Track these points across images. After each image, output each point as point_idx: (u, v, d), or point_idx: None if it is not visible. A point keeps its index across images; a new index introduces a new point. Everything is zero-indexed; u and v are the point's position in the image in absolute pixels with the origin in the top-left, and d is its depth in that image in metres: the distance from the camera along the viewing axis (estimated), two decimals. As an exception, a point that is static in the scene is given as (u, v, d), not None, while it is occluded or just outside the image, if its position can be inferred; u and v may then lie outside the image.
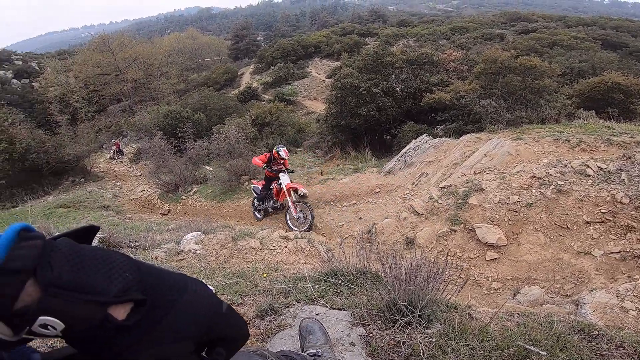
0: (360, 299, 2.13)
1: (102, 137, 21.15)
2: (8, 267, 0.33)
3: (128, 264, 0.38)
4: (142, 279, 0.38)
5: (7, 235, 0.35)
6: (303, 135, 14.41)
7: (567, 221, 4.30)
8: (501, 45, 22.48)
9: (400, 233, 5.06)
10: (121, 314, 0.36)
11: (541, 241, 4.24)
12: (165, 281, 0.40)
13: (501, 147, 6.15)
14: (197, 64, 48.91)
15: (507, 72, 9.31)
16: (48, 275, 0.34)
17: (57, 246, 0.36)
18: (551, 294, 3.57)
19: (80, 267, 0.35)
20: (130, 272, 0.38)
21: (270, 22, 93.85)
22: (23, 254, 0.34)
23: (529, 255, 4.16)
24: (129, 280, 0.37)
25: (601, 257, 3.87)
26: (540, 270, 3.94)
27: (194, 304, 0.41)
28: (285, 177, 6.17)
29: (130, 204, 9.96)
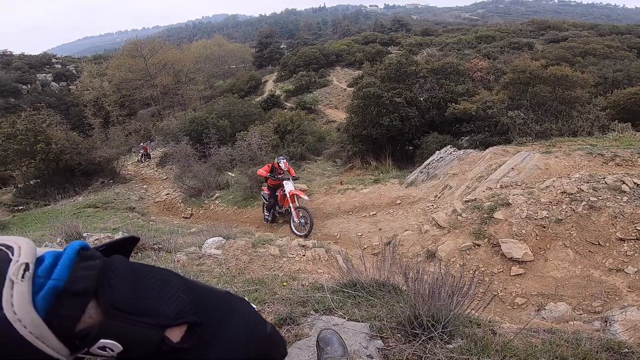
0: (380, 312, 2.10)
1: (132, 140, 21.99)
2: (71, 288, 0.33)
3: (181, 284, 0.39)
4: (194, 300, 0.38)
5: (69, 255, 0.35)
6: (323, 144, 14.44)
7: (599, 238, 4.14)
8: (530, 54, 21.92)
9: (421, 246, 4.98)
10: (176, 336, 0.36)
11: (570, 257, 4.10)
12: (214, 301, 0.40)
13: (530, 160, 5.94)
14: (223, 71, 50.15)
15: (537, 82, 9.04)
16: (109, 298, 0.34)
17: (114, 266, 0.36)
18: (579, 310, 3.45)
19: (138, 289, 0.36)
20: (183, 292, 0.38)
21: (293, 30, 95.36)
22: (85, 275, 0.34)
23: (556, 271, 4.03)
24: (184, 302, 0.37)
25: (634, 274, 3.72)
26: (568, 287, 3.82)
27: (242, 325, 0.41)
28: (289, 184, 6.52)
29: (155, 206, 10.27)
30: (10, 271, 0.32)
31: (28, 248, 0.34)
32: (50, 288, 0.32)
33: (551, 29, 38.47)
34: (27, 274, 0.32)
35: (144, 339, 0.35)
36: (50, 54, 58.05)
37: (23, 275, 0.32)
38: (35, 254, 0.34)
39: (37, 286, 0.32)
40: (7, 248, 0.34)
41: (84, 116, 27.08)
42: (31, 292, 0.32)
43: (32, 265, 0.33)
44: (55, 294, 0.32)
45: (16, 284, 0.31)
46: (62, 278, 0.33)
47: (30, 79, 42.85)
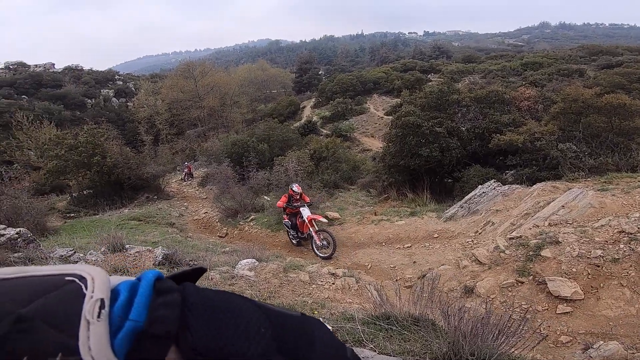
0: (414, 347, 2.04)
1: (177, 159, 23.36)
2: (152, 330, 0.30)
3: (260, 316, 0.34)
4: (276, 334, 0.34)
5: (144, 290, 0.32)
6: (357, 173, 14.30)
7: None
8: (582, 81, 20.83)
9: (458, 281, 4.83)
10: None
11: (626, 297, 3.90)
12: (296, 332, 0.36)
13: (582, 198, 5.52)
14: (264, 95, 51.80)
15: (590, 112, 8.56)
16: (189, 341, 0.31)
17: (190, 302, 0.33)
18: (632, 349, 3.30)
19: (218, 327, 0.32)
20: (264, 326, 0.34)
21: (331, 57, 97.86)
22: (165, 315, 0.31)
23: (609, 310, 3.86)
24: (267, 338, 0.33)
25: None
26: (622, 326, 3.69)
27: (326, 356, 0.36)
28: (305, 210, 6.75)
29: (193, 223, 10.71)
30: (85, 309, 0.28)
31: (102, 280, 0.31)
32: (129, 330, 0.29)
33: (604, 54, 36.35)
34: (104, 313, 0.29)
35: None
36: (114, 71, 63.24)
37: (99, 314, 0.29)
38: (109, 286, 0.32)
39: (114, 327, 0.29)
40: (80, 279, 0.30)
41: (138, 132, 29.26)
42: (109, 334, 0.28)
43: (107, 301, 0.30)
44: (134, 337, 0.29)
45: (92, 324, 0.28)
46: (140, 319, 0.30)
47: (95, 94, 46.43)
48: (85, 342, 0.27)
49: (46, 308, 0.28)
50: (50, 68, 53.91)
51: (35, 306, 0.28)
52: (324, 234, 6.54)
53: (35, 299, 0.28)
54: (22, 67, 50.93)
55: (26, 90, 42.23)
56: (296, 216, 7.04)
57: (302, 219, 6.78)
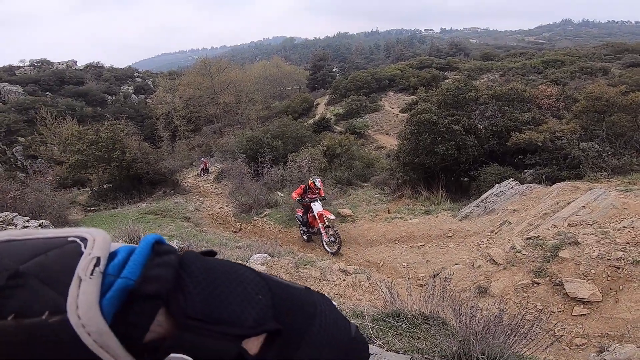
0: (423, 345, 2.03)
1: (194, 155, 23.76)
2: (143, 290, 0.28)
3: (260, 283, 0.33)
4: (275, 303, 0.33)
5: (142, 249, 0.31)
6: (371, 170, 14.22)
7: None
8: (606, 79, 20.04)
9: (472, 281, 4.76)
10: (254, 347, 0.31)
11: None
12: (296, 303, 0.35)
13: (604, 198, 5.35)
14: (279, 92, 52.03)
15: (615, 111, 8.29)
16: (181, 304, 0.29)
17: (187, 264, 0.32)
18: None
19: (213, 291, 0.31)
20: (262, 293, 0.33)
21: (345, 54, 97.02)
22: (158, 274, 0.29)
23: (627, 312, 3.75)
24: (263, 306, 0.32)
25: None
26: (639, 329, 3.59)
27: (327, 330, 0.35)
28: (317, 206, 6.87)
29: (208, 218, 10.89)
30: (79, 266, 0.27)
31: (103, 241, 0.30)
32: (118, 288, 0.28)
33: (629, 52, 34.77)
34: (97, 270, 0.28)
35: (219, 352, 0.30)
36: (134, 68, 64.88)
37: (92, 271, 0.27)
38: (110, 247, 0.30)
39: (106, 285, 0.28)
40: (81, 240, 0.30)
41: (156, 128, 29.88)
42: (99, 293, 0.27)
43: (104, 260, 0.29)
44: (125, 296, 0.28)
45: (84, 281, 0.27)
46: (132, 277, 0.28)
47: (115, 91, 47.90)
48: (74, 300, 0.26)
49: (43, 265, 0.28)
50: (73, 65, 55.30)
51: (32, 263, 0.28)
52: (331, 230, 6.69)
53: (35, 257, 0.28)
54: (46, 64, 52.49)
55: (50, 87, 43.71)
56: (308, 211, 7.14)
57: (313, 213, 6.90)
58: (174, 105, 34.29)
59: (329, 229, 6.73)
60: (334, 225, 6.94)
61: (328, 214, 6.92)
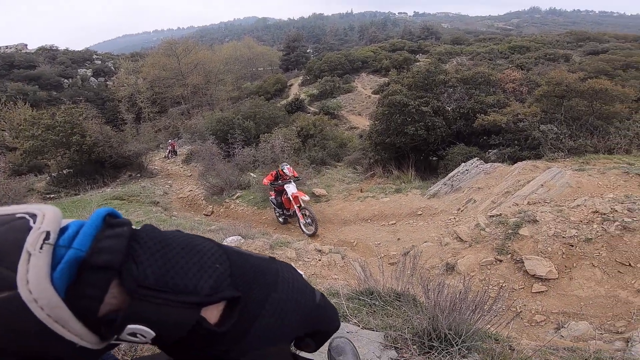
0: (396, 322, 2.08)
1: (160, 137, 22.82)
2: (92, 261, 0.28)
3: (218, 253, 0.33)
4: (233, 272, 0.32)
5: (93, 221, 0.30)
6: (344, 150, 14.37)
7: (630, 259, 4.04)
8: (567, 66, 21.04)
9: (440, 258, 4.92)
10: (214, 315, 0.31)
11: (597, 277, 4.03)
12: (257, 272, 0.34)
13: (561, 177, 5.69)
14: (251, 73, 50.94)
15: (573, 96, 8.69)
16: (134, 275, 0.29)
17: (140, 236, 0.31)
18: (600, 330, 3.41)
19: (167, 261, 0.30)
20: (220, 262, 0.32)
21: (320, 35, 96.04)
22: (109, 245, 0.29)
23: (580, 290, 3.98)
24: (221, 274, 0.31)
25: None
26: (592, 306, 3.80)
27: (288, 298, 0.35)
28: (290, 187, 6.71)
29: (177, 202, 10.56)
30: (28, 241, 0.27)
31: (54, 215, 0.29)
32: (69, 259, 0.27)
33: (590, 40, 36.69)
34: (47, 245, 0.27)
35: (177, 322, 0.30)
36: (92, 51, 60.93)
37: (42, 245, 0.27)
38: (60, 222, 0.30)
39: (58, 259, 0.27)
40: (30, 216, 0.29)
41: (118, 111, 28.51)
42: (49, 267, 0.27)
43: (54, 234, 0.28)
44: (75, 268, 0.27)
45: (33, 256, 0.26)
46: (83, 247, 0.28)
47: (72, 74, 44.80)
48: (24, 275, 0.26)
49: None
50: (23, 49, 51.12)
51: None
52: (307, 211, 6.58)
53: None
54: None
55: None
56: (282, 194, 7.00)
57: (287, 195, 6.74)
58: (138, 87, 32.69)
59: (305, 210, 6.61)
60: (310, 207, 6.83)
61: (302, 195, 6.76)
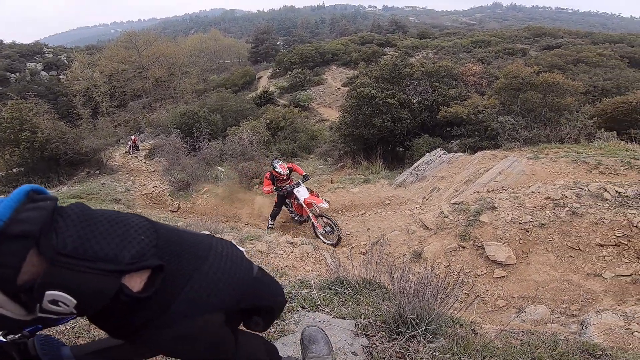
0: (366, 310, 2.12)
1: (120, 131, 21.69)
2: (9, 231, 0.28)
3: (146, 227, 0.33)
4: (160, 244, 0.33)
5: (14, 195, 0.31)
6: (315, 142, 14.46)
7: (579, 243, 4.27)
8: (524, 60, 22.18)
9: (408, 246, 5.04)
10: (137, 284, 0.32)
11: (551, 261, 4.23)
12: (187, 245, 0.35)
13: (517, 165, 6.03)
14: (217, 65, 49.86)
15: (528, 89, 9.12)
16: (52, 243, 0.29)
17: (64, 209, 0.32)
18: (557, 313, 3.58)
19: (89, 232, 0.31)
20: (146, 235, 0.33)
21: (290, 28, 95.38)
22: (28, 216, 0.29)
23: (537, 274, 4.14)
24: (145, 245, 0.32)
25: (611, 279, 3.86)
26: (548, 290, 3.94)
27: (220, 270, 0.36)
28: (302, 191, 5.78)
29: (141, 198, 10.12)
30: None
31: None
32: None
33: (546, 35, 38.96)
34: None
35: (98, 289, 0.30)
36: (42, 44, 56.60)
37: None
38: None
39: None
40: None
41: (73, 106, 26.76)
42: None
43: None
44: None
45: None
46: (2, 218, 0.29)
47: (20, 68, 41.94)
48: None
49: None
50: None
51: None
52: (325, 219, 5.72)
53: None
54: None
55: None
56: (286, 197, 6.14)
57: (299, 202, 5.81)
58: (94, 81, 30.76)
59: (322, 218, 5.74)
60: (328, 214, 5.93)
61: (319, 201, 5.73)
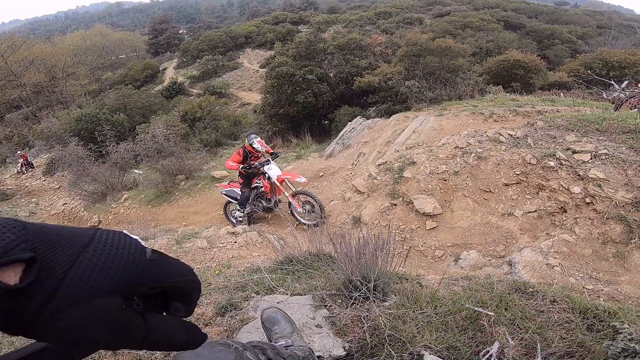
0: (319, 282, 2.14)
1: (4, 149, 18.38)
2: None
3: (12, 225, 0.33)
4: (29, 238, 0.33)
5: None
6: (240, 128, 14.02)
7: (489, 185, 4.59)
8: (420, 28, 23.95)
9: (347, 213, 5.16)
10: (12, 278, 0.32)
11: (470, 206, 4.48)
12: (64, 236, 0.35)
13: (427, 123, 6.64)
14: (110, 62, 45.23)
15: (427, 54, 9.93)
16: None
17: None
18: (487, 256, 3.75)
19: None
20: (12, 232, 0.33)
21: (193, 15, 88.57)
22: None
23: (462, 221, 4.38)
24: (12, 241, 0.32)
25: (522, 217, 4.15)
26: (474, 235, 4.16)
27: (104, 254, 0.36)
28: (273, 169, 5.23)
29: (52, 219, 8.85)
30: None
31: None
32: None
33: (437, 4, 42.49)
34: None
35: None
36: None
37: None
38: None
39: None
40: None
41: None
42: None
43: None
44: None
45: None
46: None
47: None
48: None
49: None
50: None
51: None
52: (304, 197, 5.16)
53: None
54: None
55: None
56: (252, 177, 5.47)
57: (271, 179, 5.21)
58: (-50, 97, 24.96)
59: (301, 195, 5.18)
60: (308, 190, 5.39)
61: (295, 175, 5.26)
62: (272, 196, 5.41)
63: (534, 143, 4.99)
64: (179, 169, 7.92)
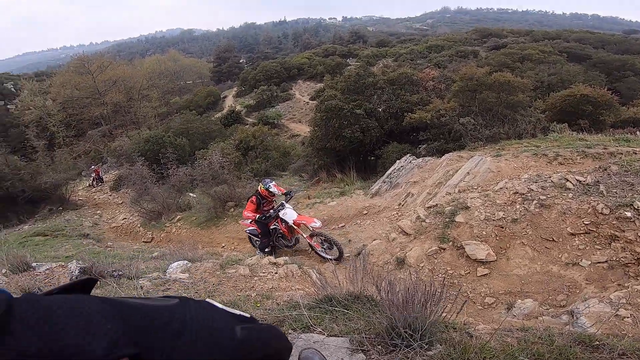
0: (358, 325, 2.09)
1: (81, 163, 20.66)
2: None
3: (107, 311, 0.32)
4: (128, 328, 0.32)
5: None
6: (288, 159, 14.43)
7: (552, 234, 4.32)
8: (475, 61, 23.47)
9: (390, 254, 5.04)
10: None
11: (529, 255, 4.25)
12: (157, 324, 0.34)
13: (482, 164, 6.29)
14: (179, 87, 49.24)
15: (483, 89, 9.58)
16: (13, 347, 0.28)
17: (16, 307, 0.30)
18: (545, 305, 3.56)
19: (51, 329, 0.29)
20: (111, 321, 0.32)
21: (253, 44, 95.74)
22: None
23: (518, 269, 4.16)
24: (114, 334, 0.31)
25: (589, 267, 3.90)
26: (532, 283, 3.95)
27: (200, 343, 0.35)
28: (289, 213, 5.39)
29: (111, 231, 9.69)
30: None
31: None
32: None
33: (492, 36, 41.74)
34: None
35: None
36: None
37: None
38: None
39: None
40: None
41: (26, 138, 25.24)
42: None
43: None
44: None
45: None
46: None
47: None
48: None
49: None
50: None
51: None
52: (320, 238, 5.40)
53: None
54: None
55: None
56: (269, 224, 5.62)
57: (288, 223, 5.41)
58: (47, 110, 29.06)
59: (317, 237, 5.41)
60: (323, 232, 5.57)
61: (310, 220, 5.34)
62: (291, 236, 5.64)
63: (606, 191, 4.54)
64: (229, 196, 8.31)
